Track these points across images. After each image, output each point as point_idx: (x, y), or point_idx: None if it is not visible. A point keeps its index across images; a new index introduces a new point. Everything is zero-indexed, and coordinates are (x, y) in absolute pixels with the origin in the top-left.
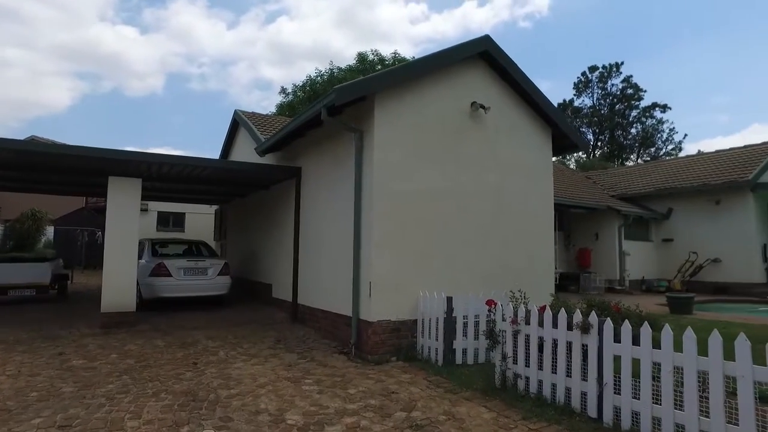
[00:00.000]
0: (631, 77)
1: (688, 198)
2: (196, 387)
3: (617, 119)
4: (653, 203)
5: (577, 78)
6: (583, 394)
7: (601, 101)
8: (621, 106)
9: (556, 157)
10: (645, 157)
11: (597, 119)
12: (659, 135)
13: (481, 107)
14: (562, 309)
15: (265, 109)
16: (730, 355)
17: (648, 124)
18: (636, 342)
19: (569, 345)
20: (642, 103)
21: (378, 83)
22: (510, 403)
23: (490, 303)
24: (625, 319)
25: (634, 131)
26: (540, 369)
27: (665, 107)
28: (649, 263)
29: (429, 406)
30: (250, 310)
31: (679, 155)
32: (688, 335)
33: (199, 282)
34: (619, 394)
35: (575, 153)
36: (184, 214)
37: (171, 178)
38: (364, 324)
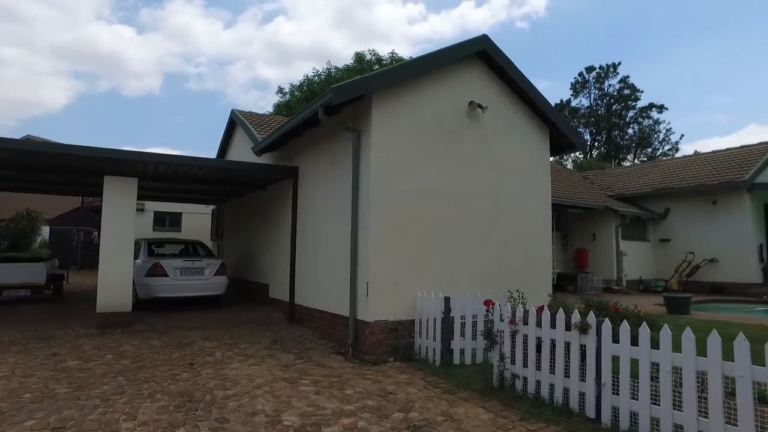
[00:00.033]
0: (628, 78)
1: (685, 198)
2: (192, 388)
3: (614, 119)
4: (650, 203)
5: (574, 78)
6: (582, 394)
7: (598, 101)
8: (618, 106)
9: (553, 157)
10: (642, 158)
11: (594, 119)
12: (656, 135)
13: (479, 107)
14: (560, 309)
15: (263, 109)
16: (728, 356)
17: (645, 124)
18: (634, 342)
19: (567, 345)
20: (639, 104)
21: (375, 82)
22: (508, 404)
23: (487, 303)
24: (624, 320)
25: (631, 131)
26: (538, 369)
27: (662, 108)
28: (647, 263)
29: (426, 406)
30: (246, 310)
31: (676, 156)
32: (686, 335)
33: (196, 282)
34: (618, 394)
35: (573, 153)
36: (180, 213)
37: (167, 177)
38: (361, 324)
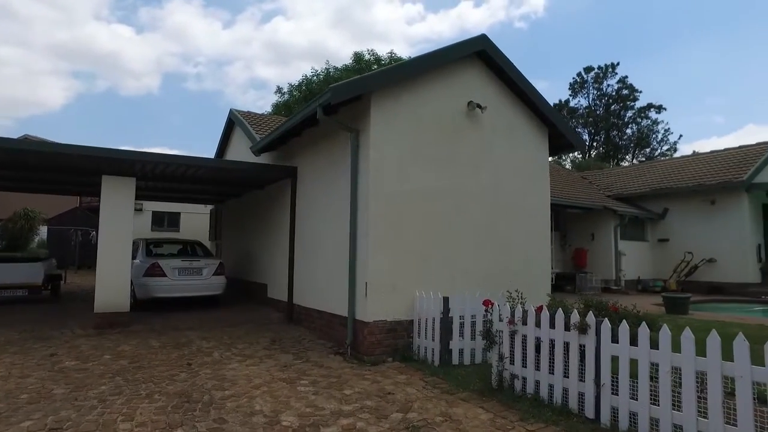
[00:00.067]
0: (627, 78)
1: (683, 198)
2: (190, 388)
3: (613, 120)
4: (649, 203)
5: (573, 78)
6: (581, 394)
7: (597, 102)
8: (616, 106)
9: (552, 157)
10: (640, 158)
11: (592, 119)
12: (654, 135)
13: (478, 107)
14: (559, 309)
15: (261, 109)
16: (727, 356)
17: (643, 124)
18: (634, 342)
19: (566, 345)
20: (637, 104)
21: (374, 82)
22: (507, 404)
23: (486, 303)
24: (623, 320)
25: (629, 132)
26: (537, 369)
27: (660, 108)
28: (645, 263)
29: (425, 407)
30: (245, 310)
31: (674, 156)
32: (686, 336)
33: (194, 282)
34: (617, 394)
35: (572, 153)
36: (179, 213)
37: (165, 177)
38: (360, 324)
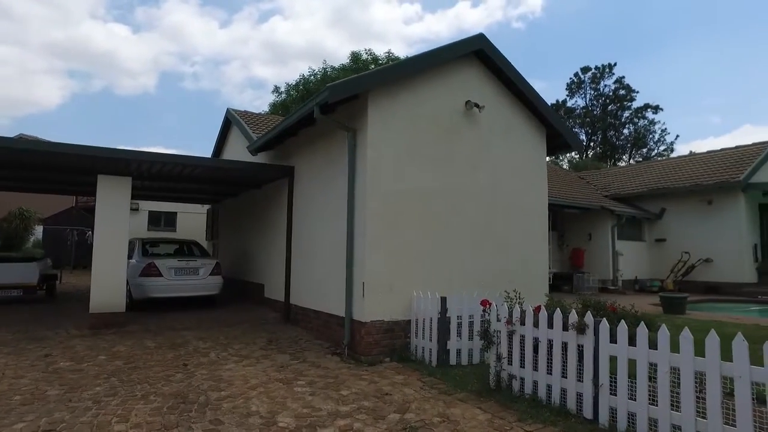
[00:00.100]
0: (624, 78)
1: (680, 198)
2: (186, 389)
3: (610, 120)
4: (646, 203)
5: (570, 79)
6: (579, 395)
7: (594, 102)
8: (613, 106)
9: (549, 157)
10: (637, 158)
11: (590, 120)
12: (651, 136)
13: (476, 106)
14: (557, 309)
15: (258, 109)
16: (725, 356)
17: (640, 124)
18: (632, 342)
19: (565, 345)
20: (634, 104)
21: (371, 81)
22: (505, 405)
23: (484, 303)
24: (621, 320)
25: (626, 132)
26: (535, 370)
27: (657, 108)
28: (642, 263)
29: (423, 407)
30: (241, 310)
31: (671, 156)
32: (685, 336)
33: (190, 282)
34: (616, 395)
35: (569, 153)
36: (175, 213)
37: (162, 176)
38: (357, 324)
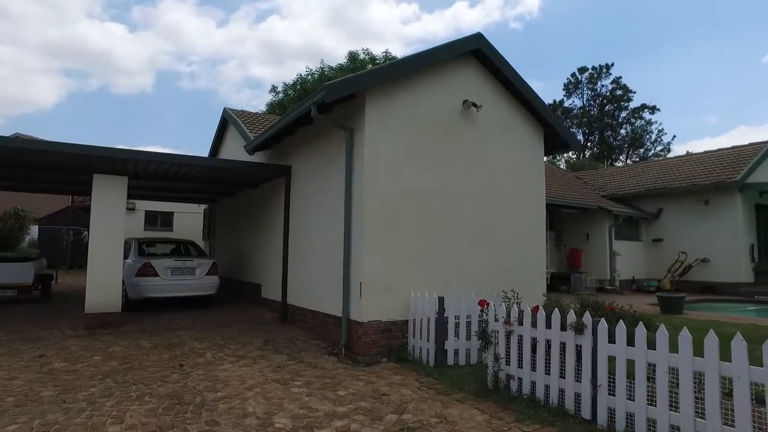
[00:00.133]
0: (621, 78)
1: (677, 198)
2: (181, 390)
3: (607, 120)
4: (643, 203)
5: (567, 79)
6: (577, 395)
7: (591, 102)
8: (610, 107)
9: (546, 157)
10: (634, 158)
11: (587, 120)
12: (648, 136)
13: (473, 105)
14: (555, 309)
15: (255, 108)
16: (723, 356)
17: (637, 125)
18: (630, 342)
19: (563, 346)
20: (631, 105)
21: (369, 80)
22: (503, 405)
23: (482, 303)
24: (620, 320)
25: (623, 132)
26: (533, 370)
27: (654, 108)
28: (639, 263)
29: (420, 408)
30: (238, 310)
31: (668, 156)
32: (683, 336)
33: (187, 282)
34: (614, 395)
35: (567, 152)
36: (172, 213)
37: (158, 176)
38: (354, 324)
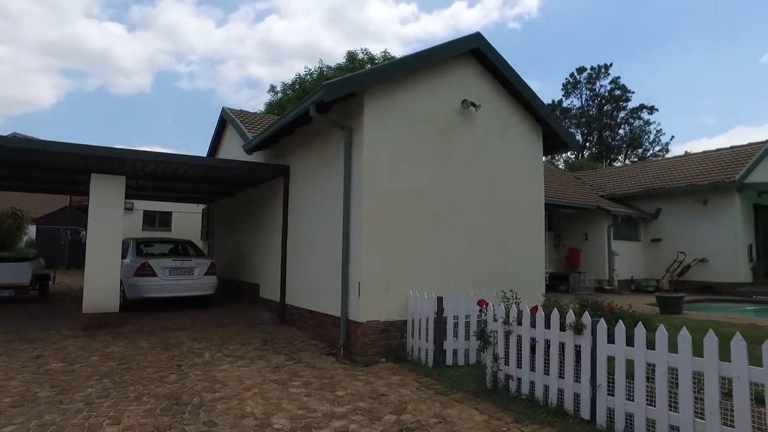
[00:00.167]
0: (619, 78)
1: (676, 198)
2: (179, 390)
3: (605, 120)
4: (642, 203)
5: (566, 79)
6: (576, 395)
7: (590, 102)
8: (609, 107)
9: (545, 157)
10: (632, 158)
11: (585, 120)
12: (646, 136)
13: (472, 105)
14: (554, 309)
15: (254, 108)
16: (722, 356)
17: (636, 125)
18: (630, 343)
19: (562, 346)
20: (630, 105)
21: (367, 80)
22: (502, 405)
23: (481, 303)
24: (619, 320)
25: (622, 132)
26: (532, 370)
27: (652, 109)
28: (638, 263)
29: (419, 408)
30: (237, 310)
31: (666, 156)
32: (683, 336)
33: (185, 282)
34: (613, 395)
35: (566, 152)
36: (170, 213)
37: (156, 176)
38: (353, 325)
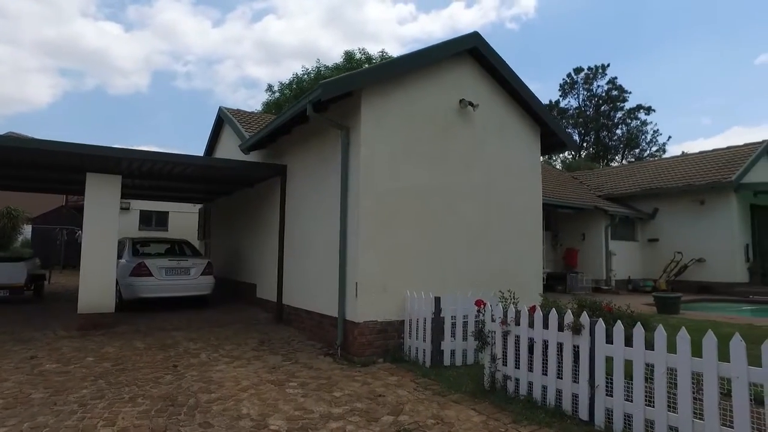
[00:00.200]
0: (616, 79)
1: (673, 198)
2: (175, 391)
3: (602, 120)
4: (639, 203)
5: (563, 79)
6: (575, 396)
7: (587, 102)
8: (606, 107)
9: (543, 157)
10: (629, 158)
11: (582, 120)
12: (643, 136)
13: (470, 104)
14: (552, 309)
15: (252, 108)
16: (721, 356)
17: (633, 125)
18: (628, 343)
19: (560, 346)
20: (627, 105)
21: (365, 79)
22: (500, 406)
23: (479, 303)
24: (617, 320)
25: (619, 132)
26: (530, 371)
27: (649, 109)
28: (635, 263)
29: (417, 409)
30: (233, 310)
31: (663, 156)
32: (682, 336)
33: (182, 282)
34: (612, 396)
35: (563, 152)
36: (167, 212)
37: (152, 175)
38: (350, 325)
